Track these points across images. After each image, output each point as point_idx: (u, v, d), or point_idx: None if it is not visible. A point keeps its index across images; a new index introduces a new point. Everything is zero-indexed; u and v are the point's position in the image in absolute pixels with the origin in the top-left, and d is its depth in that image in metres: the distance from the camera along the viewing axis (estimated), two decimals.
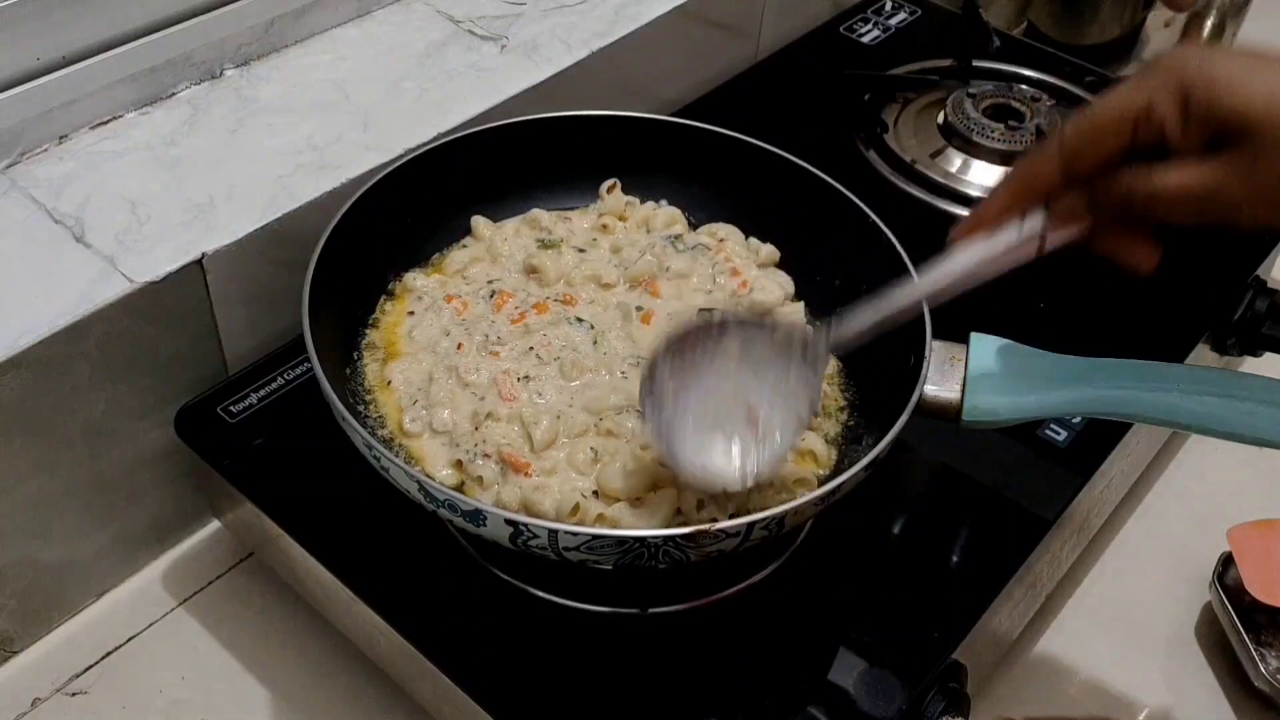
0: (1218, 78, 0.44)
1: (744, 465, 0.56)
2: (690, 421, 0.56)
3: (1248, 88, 0.44)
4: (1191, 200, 0.46)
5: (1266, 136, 0.43)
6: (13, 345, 0.63)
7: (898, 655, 0.62)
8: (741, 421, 0.57)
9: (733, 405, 0.57)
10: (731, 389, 0.57)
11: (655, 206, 0.77)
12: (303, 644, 0.72)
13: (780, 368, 0.58)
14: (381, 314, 0.71)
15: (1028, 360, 0.62)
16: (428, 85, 0.85)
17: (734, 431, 0.57)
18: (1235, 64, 0.45)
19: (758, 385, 0.57)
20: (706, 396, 0.57)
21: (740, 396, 0.57)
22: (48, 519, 0.69)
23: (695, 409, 0.57)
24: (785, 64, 1.08)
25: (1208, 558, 0.76)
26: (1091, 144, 0.48)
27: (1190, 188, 0.46)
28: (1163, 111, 0.46)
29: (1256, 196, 0.44)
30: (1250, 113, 0.43)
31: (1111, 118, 0.47)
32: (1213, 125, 0.45)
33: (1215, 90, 0.44)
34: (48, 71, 0.75)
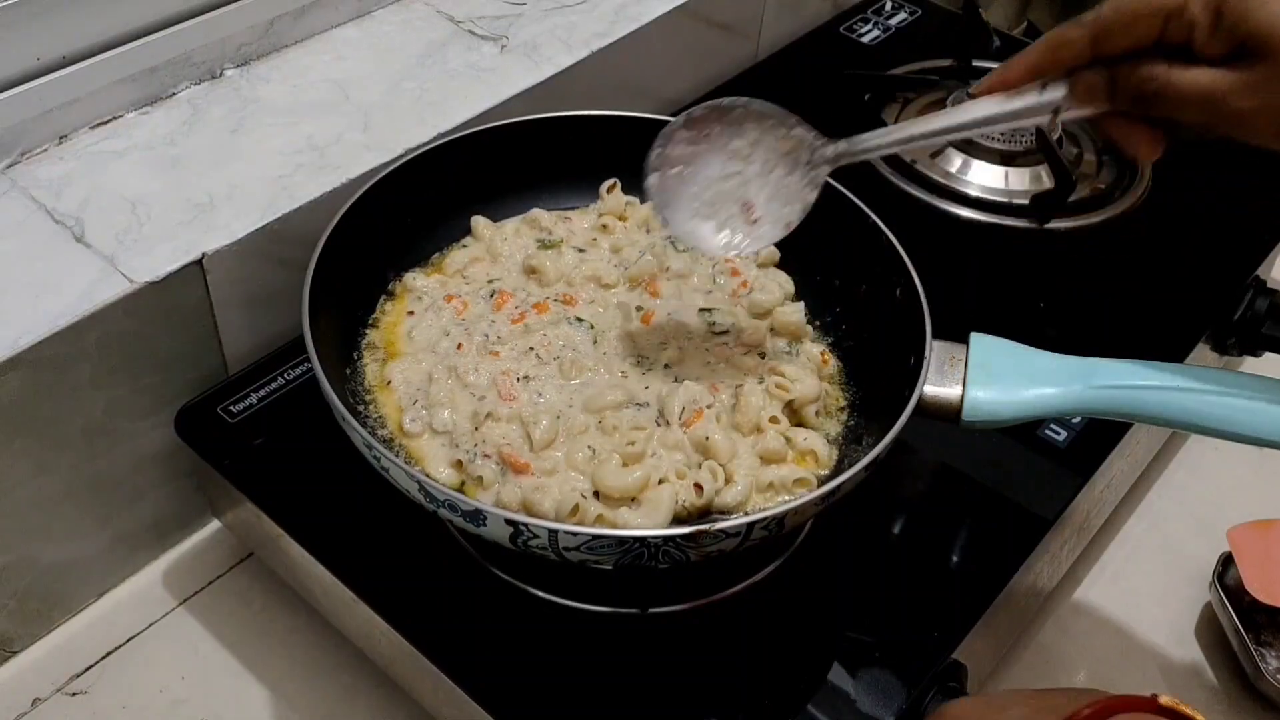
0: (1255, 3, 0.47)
1: (729, 241, 0.60)
2: (690, 195, 0.60)
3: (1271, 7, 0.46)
4: (1202, 102, 0.49)
5: None
6: (13, 345, 0.63)
7: (898, 655, 0.62)
8: (736, 212, 0.60)
9: (732, 196, 0.60)
10: (734, 183, 0.60)
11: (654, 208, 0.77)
12: (303, 644, 0.72)
13: (784, 169, 0.60)
14: (381, 314, 0.71)
15: (1028, 360, 0.62)
16: (428, 85, 0.85)
17: (727, 217, 0.60)
18: None
19: (760, 183, 0.60)
20: (709, 182, 0.60)
21: (741, 191, 0.60)
22: (48, 519, 0.69)
23: (698, 188, 0.60)
24: (785, 64, 1.08)
25: (1208, 558, 0.76)
26: (1124, 26, 0.51)
27: (1205, 90, 0.49)
28: (1196, 13, 0.48)
29: (1261, 113, 0.47)
30: (1275, 31, 0.46)
31: (1149, 6, 0.50)
32: (1238, 36, 0.47)
33: (1248, 4, 0.47)
34: (48, 71, 0.75)
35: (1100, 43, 0.52)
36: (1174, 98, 0.50)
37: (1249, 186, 0.93)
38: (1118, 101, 0.52)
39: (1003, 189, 0.91)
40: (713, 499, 0.60)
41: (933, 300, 0.64)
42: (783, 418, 0.64)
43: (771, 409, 0.64)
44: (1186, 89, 0.49)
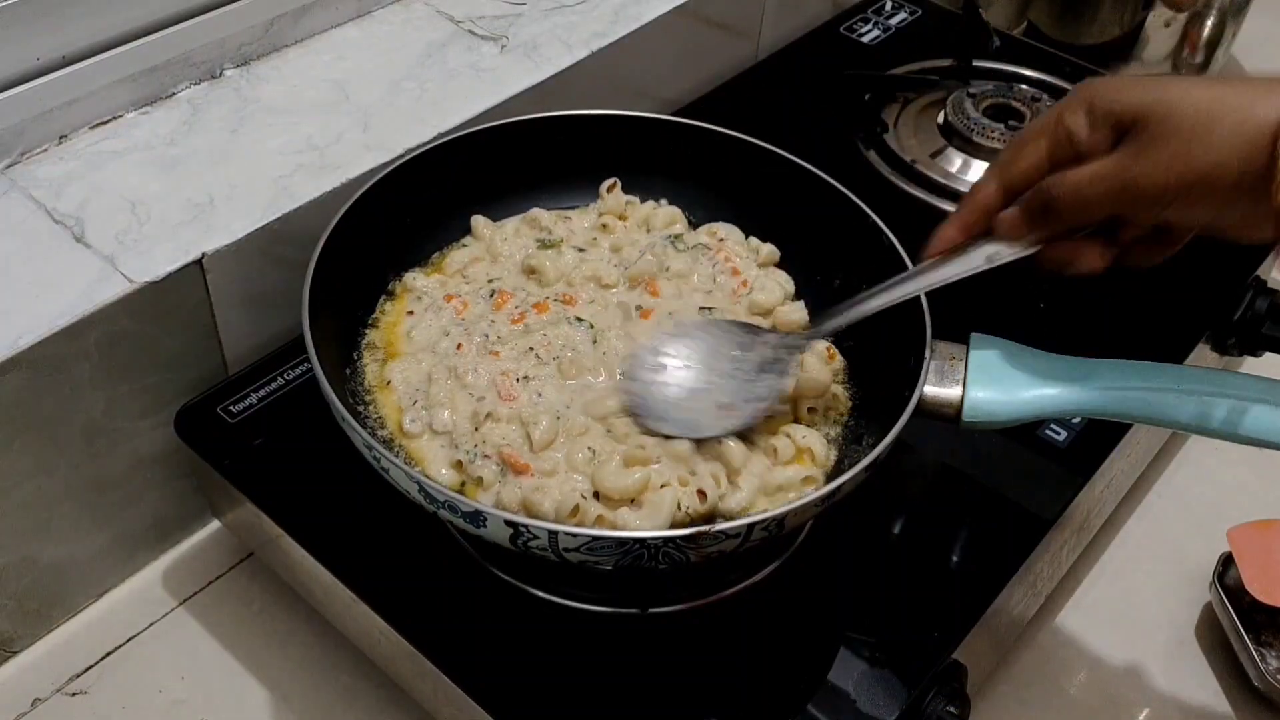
0: (1116, 85, 0.51)
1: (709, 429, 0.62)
2: (666, 402, 0.62)
3: (1139, 88, 0.50)
4: (1106, 188, 0.51)
5: (1156, 121, 0.49)
6: (13, 345, 0.63)
7: (898, 655, 0.62)
8: (712, 412, 0.62)
9: (706, 402, 0.62)
10: (707, 392, 0.63)
11: (655, 206, 0.77)
12: (303, 644, 0.72)
13: (752, 373, 0.63)
14: (381, 314, 0.71)
15: (1028, 360, 0.62)
16: (428, 85, 0.85)
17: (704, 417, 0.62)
18: (1124, 78, 0.52)
19: (731, 388, 0.62)
20: (683, 392, 0.63)
21: (714, 397, 0.62)
22: (48, 519, 0.69)
23: (672, 397, 0.63)
24: (785, 64, 1.08)
25: (1208, 558, 0.76)
26: (1017, 158, 0.55)
27: (1103, 176, 0.51)
28: (1071, 120, 0.52)
29: (1161, 177, 0.49)
30: (1142, 104, 0.49)
31: (1032, 133, 0.54)
32: (1112, 120, 0.51)
33: (1113, 93, 0.51)
34: (48, 71, 0.75)
35: (1005, 182, 0.55)
36: (1079, 197, 0.52)
37: None
38: (1036, 226, 0.54)
39: None
40: (716, 504, 0.60)
41: (933, 300, 0.64)
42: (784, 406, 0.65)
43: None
44: (1086, 182, 0.51)
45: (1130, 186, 0.50)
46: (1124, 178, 0.50)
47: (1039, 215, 0.53)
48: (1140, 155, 0.49)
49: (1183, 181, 0.48)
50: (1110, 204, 0.51)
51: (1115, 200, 0.51)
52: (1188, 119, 0.48)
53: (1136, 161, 0.49)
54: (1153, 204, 0.50)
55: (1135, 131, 0.50)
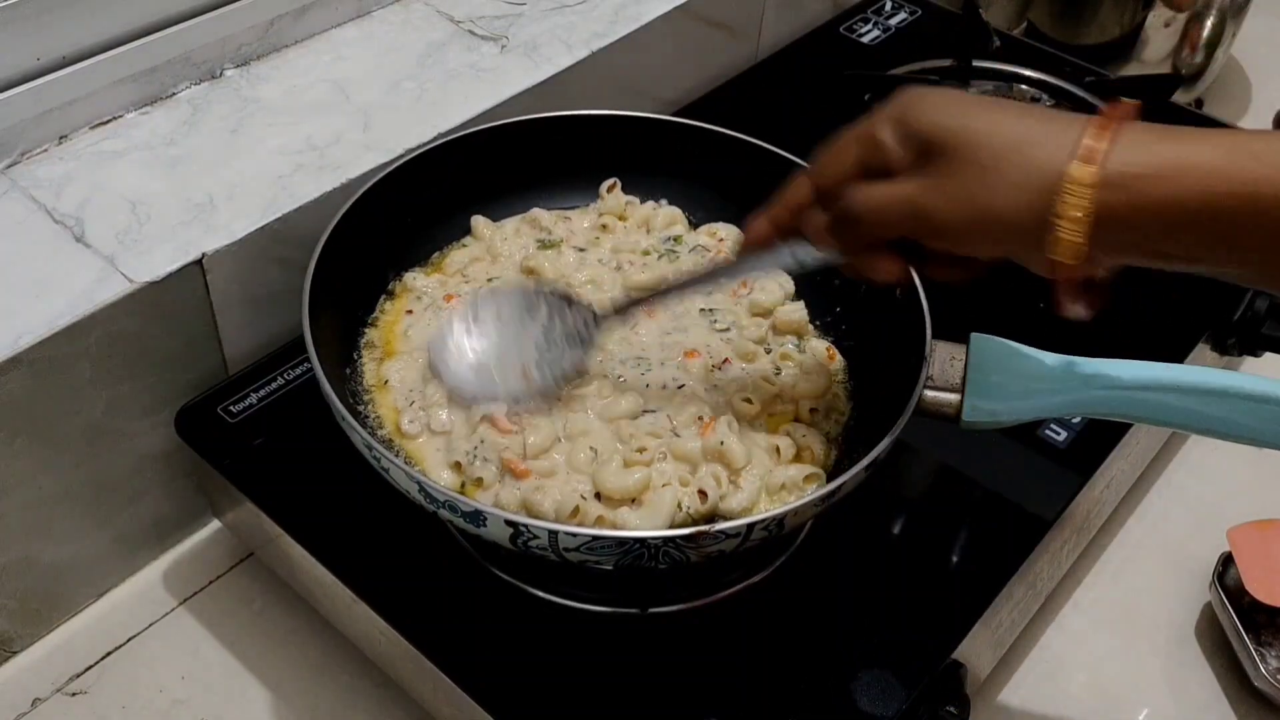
0: (928, 103, 0.50)
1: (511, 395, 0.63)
2: (471, 362, 0.64)
3: (947, 111, 0.49)
4: (901, 209, 0.50)
5: (954, 152, 0.48)
6: (13, 345, 0.63)
7: (898, 655, 0.62)
8: (516, 375, 0.63)
9: (512, 362, 0.64)
10: (515, 351, 0.64)
11: (655, 206, 0.77)
12: (303, 644, 0.72)
13: (560, 342, 0.64)
14: (381, 313, 0.71)
15: (1028, 360, 0.62)
16: (428, 85, 0.85)
17: (509, 379, 0.63)
18: (945, 96, 0.51)
19: (536, 355, 0.64)
20: (493, 351, 0.64)
21: (519, 358, 0.64)
22: (48, 519, 0.69)
23: (481, 356, 0.64)
24: (785, 64, 1.08)
25: (1208, 558, 0.76)
26: (830, 163, 0.54)
27: (900, 197, 0.50)
28: (881, 132, 0.51)
29: (952, 213, 0.49)
30: (947, 129, 0.49)
31: (846, 139, 0.53)
32: (917, 140, 0.50)
33: (923, 112, 0.50)
34: (48, 71, 0.75)
35: (817, 182, 0.54)
36: (878, 214, 0.51)
37: None
38: (839, 235, 0.54)
39: None
40: (717, 504, 0.60)
41: (933, 300, 0.64)
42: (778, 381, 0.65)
43: (769, 385, 0.65)
44: (882, 199, 0.51)
45: (922, 215, 0.49)
46: (917, 205, 0.49)
47: (841, 225, 0.53)
48: (934, 186, 0.49)
49: (970, 219, 0.48)
50: (905, 228, 0.51)
51: (909, 226, 0.50)
52: (983, 155, 0.48)
53: (930, 192, 0.49)
54: (942, 236, 0.50)
55: (934, 158, 0.49)
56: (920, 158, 0.50)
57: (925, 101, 0.50)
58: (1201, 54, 1.17)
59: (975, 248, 0.50)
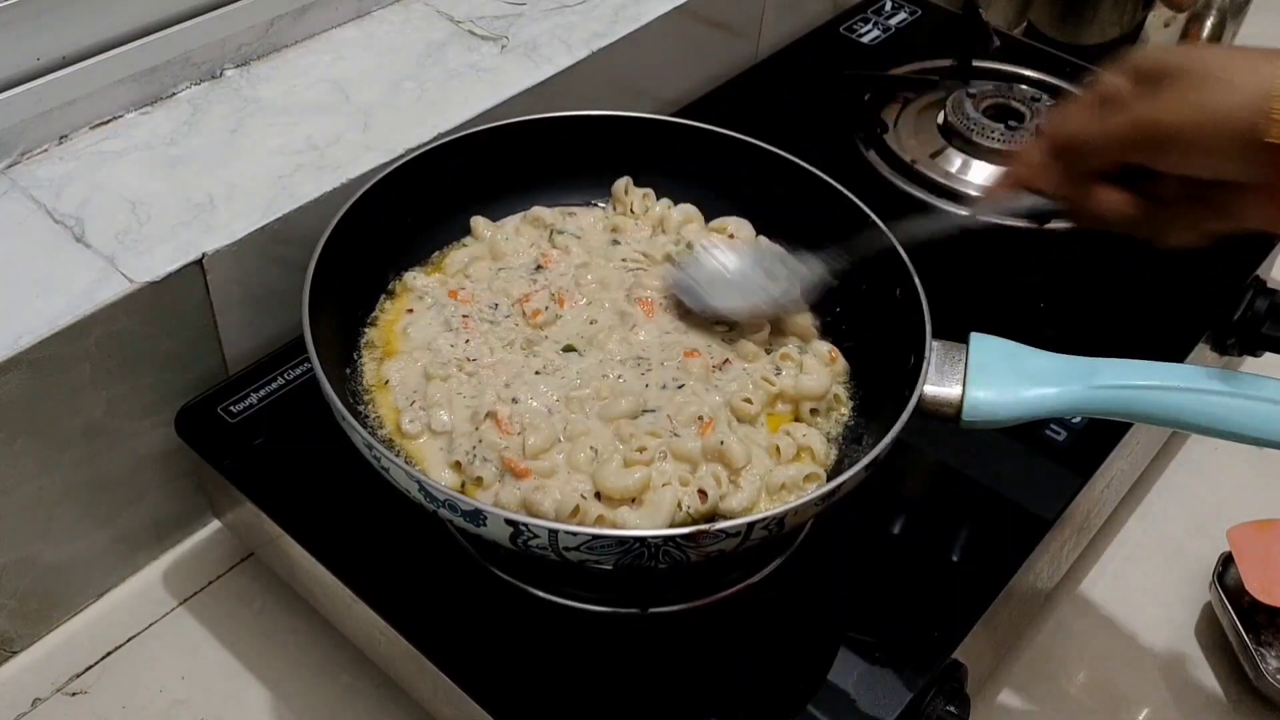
0: (1159, 48, 0.57)
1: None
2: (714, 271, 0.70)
3: (1172, 49, 0.56)
4: (1126, 123, 0.54)
5: (1184, 69, 0.53)
6: (13, 345, 0.63)
7: (898, 655, 0.62)
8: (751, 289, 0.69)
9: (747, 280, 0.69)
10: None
11: (670, 205, 0.77)
12: (303, 644, 0.72)
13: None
14: (381, 312, 0.71)
15: (1028, 360, 0.62)
16: (428, 85, 0.85)
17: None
18: (1170, 45, 0.55)
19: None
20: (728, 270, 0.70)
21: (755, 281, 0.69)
22: (48, 519, 0.69)
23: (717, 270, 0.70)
24: (785, 64, 1.08)
25: (1208, 558, 0.76)
26: (1060, 112, 0.59)
27: (1127, 114, 0.54)
28: (1112, 78, 0.56)
29: (1175, 114, 0.52)
30: (1175, 56, 0.54)
31: (1076, 96, 0.58)
32: (1147, 71, 0.54)
33: (1154, 52, 0.55)
34: (48, 71, 0.75)
35: (1048, 135, 0.59)
36: (1102, 132, 0.56)
37: None
38: (1064, 169, 0.58)
39: None
40: (717, 504, 0.60)
41: (933, 300, 0.64)
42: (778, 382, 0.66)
43: (769, 385, 0.65)
44: (1111, 121, 0.56)
45: (1148, 123, 0.53)
46: (1145, 114, 0.53)
47: (1073, 160, 0.57)
48: (1163, 95, 0.53)
49: (1195, 121, 0.51)
50: (1132, 140, 0.54)
51: (1136, 136, 0.54)
52: (1210, 67, 0.52)
53: (1158, 100, 0.53)
54: (1167, 142, 0.53)
55: (1163, 79, 0.53)
56: (1150, 86, 0.54)
57: (1155, 46, 0.58)
58: None
59: (1200, 155, 0.52)
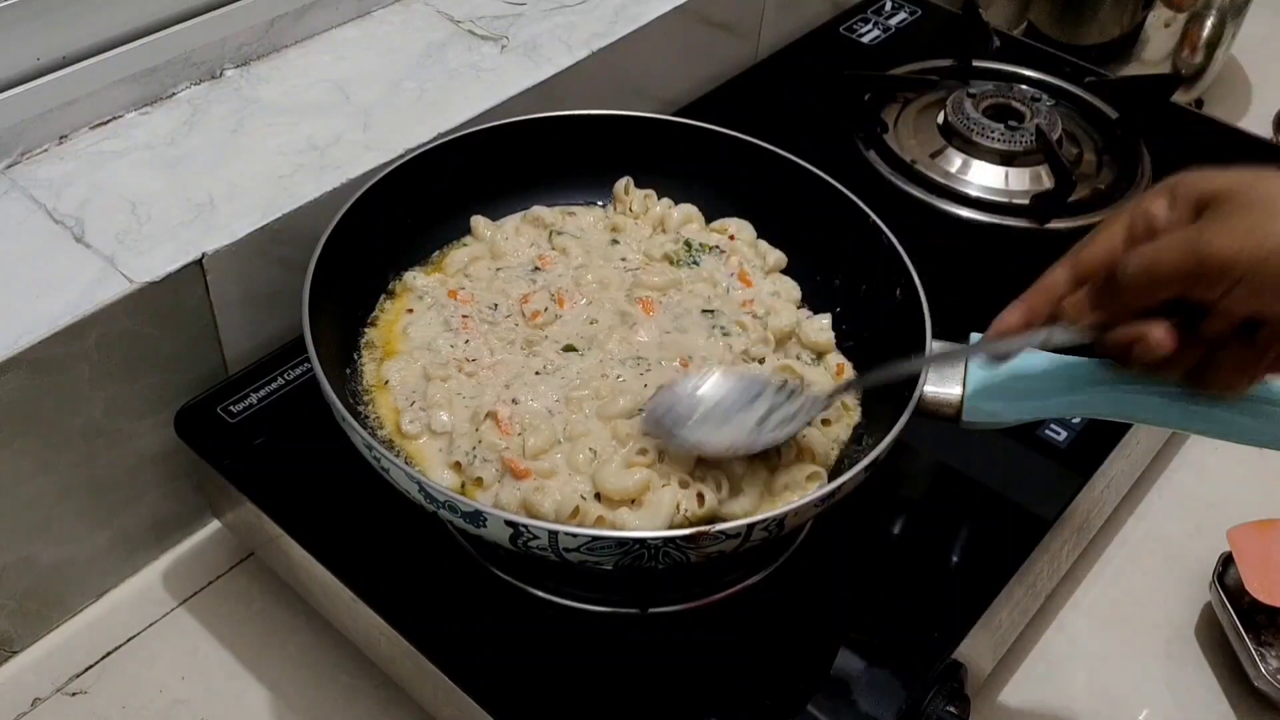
0: (1202, 174, 0.50)
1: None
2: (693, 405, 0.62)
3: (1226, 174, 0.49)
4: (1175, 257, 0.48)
5: (1236, 195, 0.47)
6: (13, 345, 0.63)
7: (898, 655, 0.62)
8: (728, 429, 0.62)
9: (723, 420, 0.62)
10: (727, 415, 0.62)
11: (671, 205, 0.77)
12: (303, 644, 0.72)
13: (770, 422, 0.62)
14: (381, 312, 0.71)
15: (1028, 360, 0.62)
16: (428, 85, 0.85)
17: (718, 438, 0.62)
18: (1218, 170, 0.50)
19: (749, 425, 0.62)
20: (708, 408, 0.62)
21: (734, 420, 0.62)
22: (48, 519, 0.69)
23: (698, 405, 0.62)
24: (785, 64, 1.08)
25: (1208, 558, 0.76)
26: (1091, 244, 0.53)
27: (1172, 244, 0.48)
28: (1152, 203, 0.51)
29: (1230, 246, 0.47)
30: (1225, 184, 0.48)
31: (1109, 220, 0.52)
32: (1193, 200, 0.49)
33: (1198, 179, 0.50)
34: (48, 71, 0.75)
35: (1076, 267, 0.53)
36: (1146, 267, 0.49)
37: None
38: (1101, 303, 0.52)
39: (1003, 189, 0.91)
40: (716, 509, 0.60)
41: (933, 300, 0.64)
42: None
43: None
44: (1156, 251, 0.49)
45: (1200, 254, 0.47)
46: (1195, 244, 0.47)
47: (1105, 291, 0.51)
48: (1215, 224, 0.47)
49: (1254, 254, 0.46)
50: (1179, 275, 0.48)
51: (1185, 270, 0.48)
52: (1265, 194, 0.47)
53: (1210, 230, 0.47)
54: (1221, 276, 0.47)
55: (1214, 206, 0.48)
56: (1195, 213, 0.49)
57: (1196, 173, 0.50)
58: (1201, 54, 1.17)
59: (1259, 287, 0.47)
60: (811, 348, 0.70)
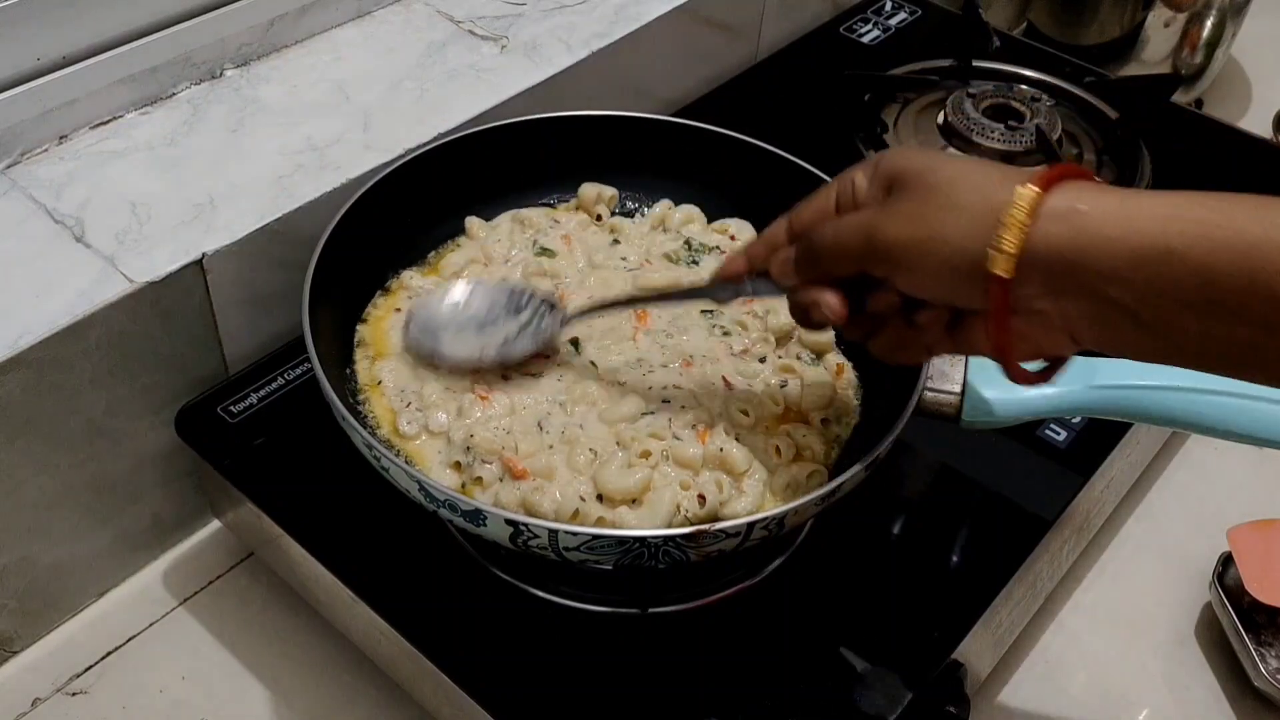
0: (901, 152, 0.53)
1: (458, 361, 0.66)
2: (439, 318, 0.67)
3: (916, 155, 0.52)
4: (856, 235, 0.51)
5: (914, 180, 0.50)
6: (13, 345, 0.63)
7: (898, 655, 0.62)
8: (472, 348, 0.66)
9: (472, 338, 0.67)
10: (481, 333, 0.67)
11: (671, 206, 0.77)
12: (303, 644, 0.72)
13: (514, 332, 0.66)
14: (373, 308, 0.71)
15: None
16: (428, 85, 0.85)
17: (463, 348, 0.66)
18: (918, 149, 0.55)
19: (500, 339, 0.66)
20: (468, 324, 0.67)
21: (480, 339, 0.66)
22: (48, 519, 0.69)
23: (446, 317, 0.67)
24: (785, 64, 1.08)
25: (1208, 558, 0.76)
26: (807, 205, 0.56)
27: (856, 220, 0.52)
28: (857, 175, 0.54)
29: (899, 230, 0.49)
30: (912, 165, 0.51)
31: (826, 186, 0.56)
32: (885, 177, 0.52)
33: (895, 156, 0.53)
34: (48, 71, 0.75)
35: (793, 223, 0.56)
36: (835, 240, 0.52)
37: (1245, 189, 0.93)
38: (800, 269, 0.55)
39: None
40: (718, 509, 0.60)
41: None
42: (783, 398, 0.65)
43: (774, 405, 0.64)
44: (843, 225, 0.52)
45: (874, 235, 0.50)
46: (872, 226, 0.51)
47: (804, 255, 0.54)
48: (891, 210, 0.50)
49: (918, 239, 0.49)
50: (858, 250, 0.51)
51: (862, 247, 0.51)
52: (939, 183, 0.49)
53: (885, 214, 0.51)
54: (891, 257, 0.50)
55: (896, 189, 0.51)
56: (885, 193, 0.52)
57: (899, 151, 0.53)
58: (1201, 54, 1.17)
59: (921, 275, 0.50)
60: (811, 347, 0.70)
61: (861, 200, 0.53)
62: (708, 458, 0.61)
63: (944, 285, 0.49)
